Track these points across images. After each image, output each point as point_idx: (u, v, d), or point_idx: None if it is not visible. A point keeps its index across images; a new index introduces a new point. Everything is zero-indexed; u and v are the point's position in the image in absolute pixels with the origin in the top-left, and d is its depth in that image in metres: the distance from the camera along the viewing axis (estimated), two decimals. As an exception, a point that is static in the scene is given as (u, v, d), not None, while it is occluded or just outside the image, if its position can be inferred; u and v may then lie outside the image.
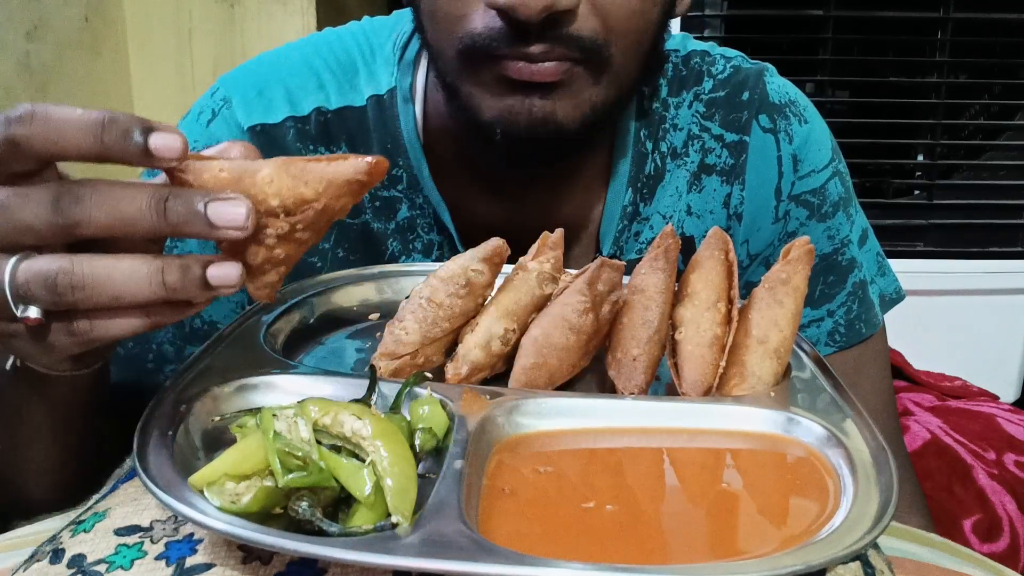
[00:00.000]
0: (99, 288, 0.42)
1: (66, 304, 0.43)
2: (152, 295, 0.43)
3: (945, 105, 1.80)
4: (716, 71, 0.82)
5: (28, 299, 0.43)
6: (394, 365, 0.55)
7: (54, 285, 0.42)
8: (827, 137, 0.83)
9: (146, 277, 0.42)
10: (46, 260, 0.43)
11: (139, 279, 0.42)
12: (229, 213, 0.42)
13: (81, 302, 0.43)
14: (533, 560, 0.37)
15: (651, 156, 0.81)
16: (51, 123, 0.41)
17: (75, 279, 0.42)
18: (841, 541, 0.39)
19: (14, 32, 1.61)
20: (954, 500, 0.97)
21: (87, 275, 0.42)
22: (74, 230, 0.42)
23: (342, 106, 0.79)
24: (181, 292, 0.43)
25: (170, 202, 0.42)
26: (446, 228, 0.80)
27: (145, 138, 0.41)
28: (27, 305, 0.43)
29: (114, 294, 0.42)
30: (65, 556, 0.43)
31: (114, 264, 0.42)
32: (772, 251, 0.82)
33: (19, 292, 0.43)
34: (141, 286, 0.42)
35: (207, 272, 0.43)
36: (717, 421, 0.51)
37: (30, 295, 0.43)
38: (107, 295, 0.42)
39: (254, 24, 1.92)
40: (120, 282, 0.42)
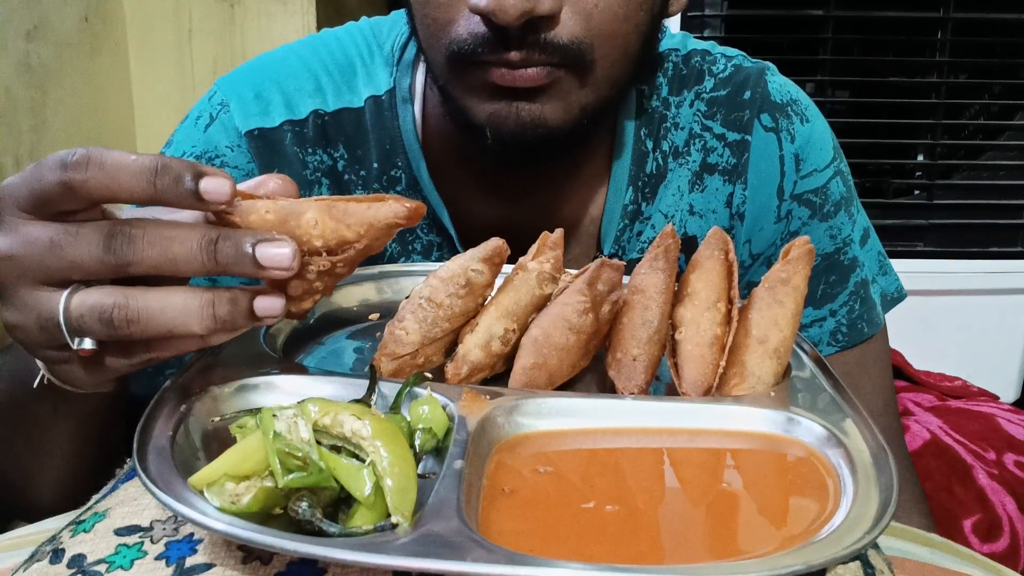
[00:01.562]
0: (153, 321, 0.44)
1: (121, 336, 0.44)
2: (203, 327, 0.44)
3: (945, 105, 1.80)
4: (717, 70, 0.82)
5: (82, 331, 0.44)
6: (394, 365, 0.55)
7: (110, 320, 0.44)
8: (829, 136, 0.83)
9: (198, 310, 0.44)
10: (99, 294, 0.44)
11: (191, 312, 0.44)
12: (276, 255, 0.44)
13: (136, 335, 0.44)
14: (533, 560, 0.37)
15: (652, 155, 0.81)
16: (106, 169, 0.43)
17: (130, 313, 0.43)
18: (841, 541, 0.39)
19: (14, 32, 1.61)
20: (954, 500, 0.97)
21: (141, 309, 0.44)
22: (125, 269, 0.44)
23: (340, 108, 0.79)
24: (230, 324, 0.45)
25: (220, 244, 0.44)
26: (445, 228, 0.79)
27: (196, 183, 0.43)
28: (81, 337, 0.45)
29: (168, 327, 0.44)
30: (65, 556, 0.43)
31: (167, 298, 0.44)
32: (774, 251, 0.82)
33: (73, 325, 0.44)
34: (192, 319, 0.44)
35: (254, 304, 0.45)
36: (717, 421, 0.51)
37: (84, 328, 0.44)
38: (161, 328, 0.44)
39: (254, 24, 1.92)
40: (172, 316, 0.44)
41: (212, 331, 0.45)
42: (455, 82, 0.67)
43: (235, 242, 0.44)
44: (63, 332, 0.44)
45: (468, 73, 0.65)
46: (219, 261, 0.44)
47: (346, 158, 0.79)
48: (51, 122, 1.71)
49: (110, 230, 0.44)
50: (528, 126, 0.66)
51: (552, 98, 0.65)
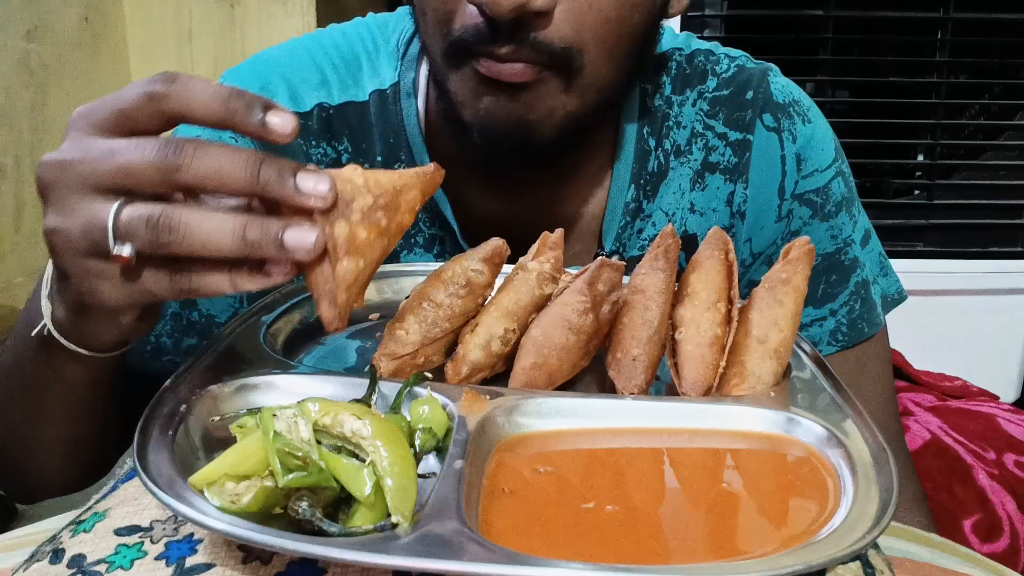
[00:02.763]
0: (191, 233, 0.46)
1: (161, 244, 0.46)
2: (234, 246, 0.46)
3: (945, 105, 1.80)
4: (720, 70, 0.82)
5: (126, 237, 0.46)
6: (394, 365, 0.55)
7: (155, 224, 0.46)
8: (830, 137, 0.83)
9: (231, 230, 0.46)
10: (147, 205, 0.46)
11: (225, 230, 0.46)
12: (315, 182, 0.46)
13: (174, 243, 0.46)
14: (533, 560, 0.37)
15: (654, 153, 0.81)
16: (188, 86, 0.46)
17: (172, 221, 0.46)
18: (841, 541, 0.39)
19: (14, 32, 1.61)
20: (954, 500, 0.97)
21: (183, 219, 0.46)
22: (175, 174, 0.45)
23: (344, 101, 0.79)
24: (259, 248, 0.46)
25: (264, 164, 0.46)
26: (448, 222, 0.80)
27: (264, 113, 0.46)
28: (124, 243, 0.46)
29: (203, 240, 0.46)
30: (65, 556, 0.43)
31: (206, 215, 0.46)
32: (775, 250, 0.82)
33: (120, 229, 0.46)
34: (226, 236, 0.46)
35: (284, 234, 0.46)
36: (717, 421, 0.51)
37: (130, 232, 0.46)
38: (197, 240, 0.46)
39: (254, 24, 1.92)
40: (208, 230, 0.46)
41: (241, 252, 0.46)
42: (450, 75, 0.67)
43: (279, 165, 0.46)
44: (109, 236, 0.46)
45: (462, 65, 0.66)
46: (260, 179, 0.45)
47: (350, 151, 0.79)
48: (51, 122, 1.71)
49: (165, 141, 0.46)
50: (512, 125, 0.66)
51: (536, 98, 0.65)
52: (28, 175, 1.65)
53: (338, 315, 0.49)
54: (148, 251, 0.47)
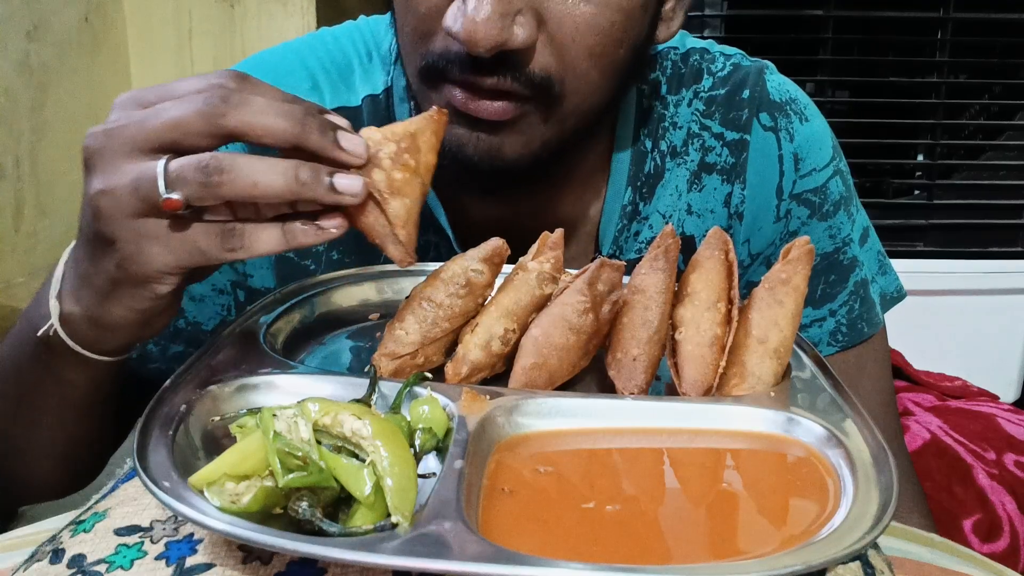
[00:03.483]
0: (242, 172, 0.47)
1: (211, 185, 0.47)
2: (286, 186, 0.47)
3: (945, 105, 1.80)
4: (716, 68, 0.82)
5: (176, 184, 0.47)
6: (394, 365, 0.55)
7: (205, 166, 0.47)
8: (828, 135, 0.83)
9: (282, 171, 0.47)
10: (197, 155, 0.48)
11: (276, 170, 0.47)
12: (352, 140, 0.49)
13: (225, 184, 0.47)
14: (533, 560, 0.37)
15: (650, 155, 0.80)
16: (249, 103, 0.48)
17: (224, 164, 0.47)
18: (841, 541, 0.39)
19: (14, 32, 1.61)
20: (954, 500, 0.97)
21: (232, 162, 0.47)
22: (220, 120, 0.47)
23: (337, 107, 0.78)
24: (310, 188, 0.48)
25: (306, 116, 0.48)
26: (442, 229, 0.79)
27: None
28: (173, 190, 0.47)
29: (254, 180, 0.47)
30: (65, 556, 0.43)
31: (256, 158, 0.48)
32: (773, 250, 0.82)
33: (171, 177, 0.47)
34: (277, 176, 0.47)
35: (334, 178, 0.48)
36: (717, 421, 0.51)
37: (180, 178, 0.47)
38: (249, 180, 0.47)
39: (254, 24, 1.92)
40: (260, 170, 0.47)
41: (293, 194, 0.48)
42: (424, 96, 0.67)
43: (320, 121, 0.48)
44: (160, 182, 0.47)
45: (437, 90, 0.65)
46: (303, 128, 0.48)
47: None
48: (51, 122, 1.71)
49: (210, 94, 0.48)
50: (485, 156, 0.66)
51: (514, 133, 0.65)
52: (28, 175, 1.65)
53: (406, 251, 0.53)
54: (198, 196, 0.47)
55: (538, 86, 0.63)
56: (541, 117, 0.65)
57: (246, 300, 0.79)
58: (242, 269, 0.80)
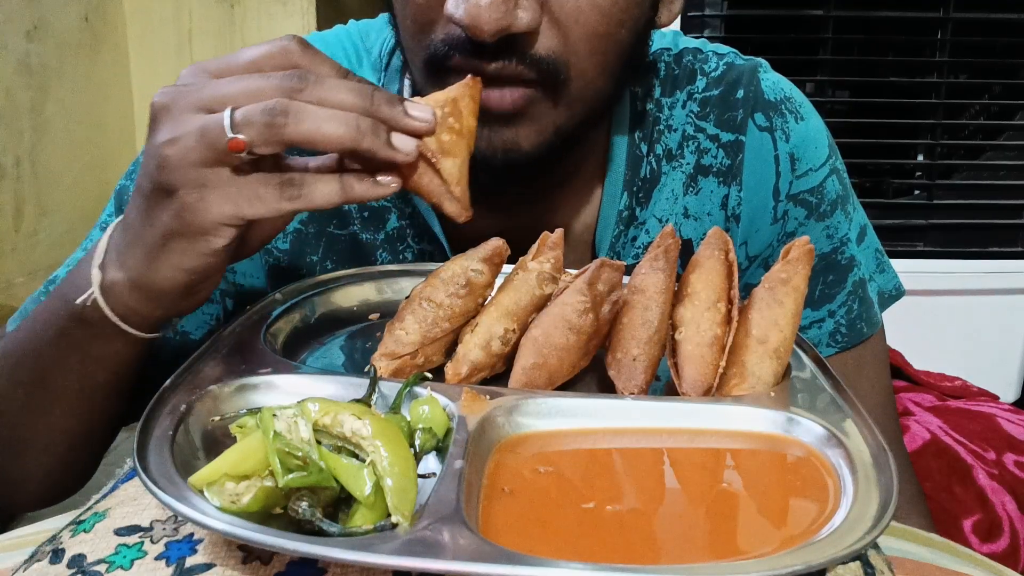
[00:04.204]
0: (306, 117, 0.50)
1: (276, 127, 0.49)
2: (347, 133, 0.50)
3: (945, 105, 1.80)
4: (709, 69, 0.81)
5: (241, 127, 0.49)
6: (394, 365, 0.55)
7: (271, 109, 0.49)
8: (824, 134, 0.82)
9: (344, 120, 0.50)
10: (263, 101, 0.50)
11: (338, 119, 0.50)
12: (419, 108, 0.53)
13: (289, 126, 0.49)
14: (533, 560, 0.37)
15: (646, 159, 0.80)
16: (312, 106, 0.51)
17: (289, 108, 0.49)
18: (841, 541, 0.39)
19: (14, 32, 1.61)
20: (954, 500, 0.97)
21: (297, 107, 0.50)
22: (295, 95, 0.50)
23: None
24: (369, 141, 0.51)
25: (376, 91, 0.52)
26: (436, 238, 0.79)
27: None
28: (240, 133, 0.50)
29: (317, 124, 0.50)
30: (65, 556, 0.43)
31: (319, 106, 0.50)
32: (771, 252, 0.81)
33: (237, 120, 0.50)
34: (339, 125, 0.50)
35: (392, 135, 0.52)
36: (717, 421, 0.51)
37: (245, 121, 0.49)
38: (312, 124, 0.50)
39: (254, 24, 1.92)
40: (324, 117, 0.50)
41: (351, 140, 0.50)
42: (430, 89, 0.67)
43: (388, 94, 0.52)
44: (225, 126, 0.49)
45: (443, 79, 0.64)
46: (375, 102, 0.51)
47: None
48: (51, 122, 1.71)
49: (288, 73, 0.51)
50: (500, 151, 0.66)
51: (526, 122, 0.65)
52: (28, 175, 1.65)
53: (462, 207, 0.57)
54: (262, 139, 0.49)
55: (545, 70, 0.63)
56: (551, 102, 0.65)
57: (234, 310, 0.78)
58: (232, 279, 0.80)
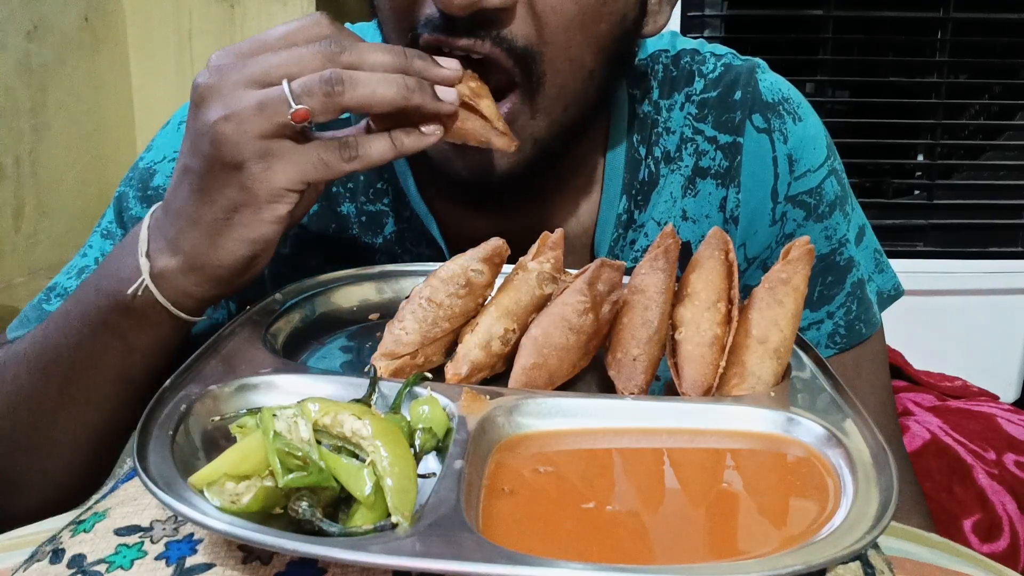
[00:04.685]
0: (360, 83, 0.55)
1: (335, 95, 0.54)
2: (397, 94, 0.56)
3: (945, 105, 1.80)
4: (707, 70, 0.81)
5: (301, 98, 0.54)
6: (394, 365, 0.55)
7: (328, 79, 0.54)
8: (822, 134, 0.82)
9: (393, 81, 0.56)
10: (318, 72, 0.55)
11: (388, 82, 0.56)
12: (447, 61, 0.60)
13: (347, 93, 0.54)
14: (533, 560, 0.37)
15: (644, 162, 0.79)
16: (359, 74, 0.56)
17: (344, 76, 0.55)
18: (841, 541, 0.39)
19: (14, 32, 1.61)
20: (954, 500, 0.97)
21: (352, 75, 0.55)
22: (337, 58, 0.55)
23: None
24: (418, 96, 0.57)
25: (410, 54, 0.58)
26: (435, 242, 0.79)
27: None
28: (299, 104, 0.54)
29: (372, 88, 0.55)
30: (65, 556, 0.43)
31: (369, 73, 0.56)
32: (770, 254, 0.81)
33: (296, 90, 0.54)
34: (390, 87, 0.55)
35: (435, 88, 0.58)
36: (717, 421, 0.51)
37: (305, 91, 0.54)
38: (368, 89, 0.55)
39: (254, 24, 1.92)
40: (375, 81, 0.55)
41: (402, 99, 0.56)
42: None
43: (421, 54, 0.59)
44: (288, 97, 0.53)
45: None
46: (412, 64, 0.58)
47: None
48: (51, 122, 1.71)
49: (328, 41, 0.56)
50: (478, 171, 0.67)
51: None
52: (28, 175, 1.65)
53: (509, 140, 0.62)
54: (322, 107, 0.54)
55: (520, 56, 0.63)
56: (529, 109, 0.65)
57: (237, 310, 0.79)
58: None
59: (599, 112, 0.75)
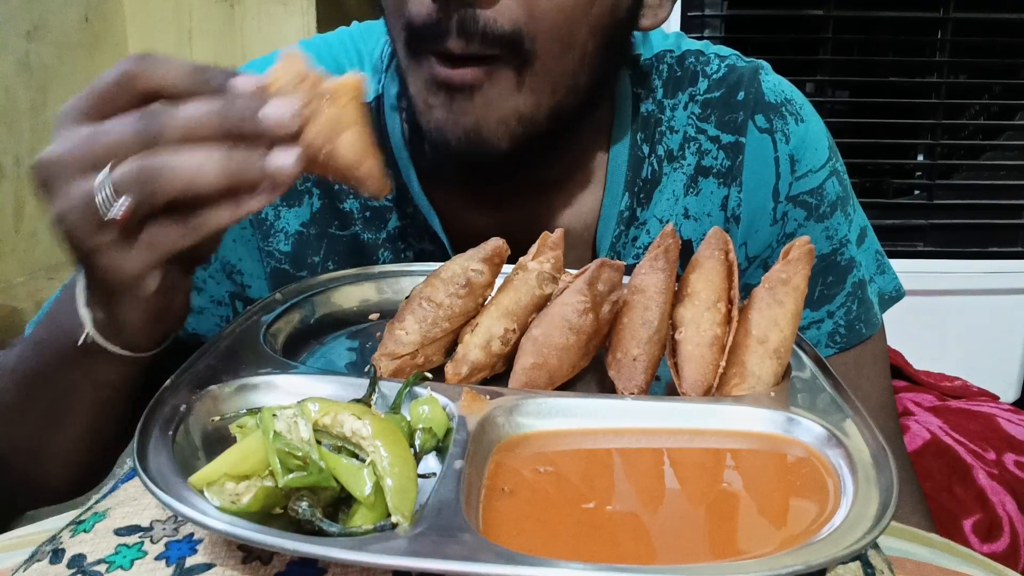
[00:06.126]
0: (175, 172, 0.48)
1: (153, 190, 0.48)
2: (219, 177, 0.48)
3: (945, 105, 1.80)
4: (711, 71, 0.81)
5: (119, 192, 0.49)
6: (394, 365, 0.55)
7: (140, 171, 0.48)
8: (824, 135, 0.82)
9: (214, 164, 0.48)
10: (133, 159, 0.49)
11: (207, 163, 0.48)
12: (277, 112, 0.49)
13: (166, 186, 0.48)
14: (533, 560, 0.37)
15: (647, 160, 0.80)
16: (158, 63, 0.49)
17: (158, 165, 0.48)
18: (841, 541, 0.39)
19: (14, 32, 1.61)
20: (954, 500, 0.97)
21: (167, 163, 0.48)
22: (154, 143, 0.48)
23: None
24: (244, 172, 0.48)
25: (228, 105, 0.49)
26: (437, 237, 0.79)
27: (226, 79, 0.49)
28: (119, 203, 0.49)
29: (188, 177, 0.48)
30: (65, 556, 0.43)
31: (188, 154, 0.48)
32: (770, 253, 0.82)
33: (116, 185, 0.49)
34: (210, 174, 0.48)
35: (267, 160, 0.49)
36: (717, 421, 0.51)
37: (122, 188, 0.48)
38: (183, 178, 0.48)
39: (254, 24, 1.92)
40: (193, 166, 0.48)
41: (227, 180, 0.48)
42: (409, 73, 0.67)
43: (243, 103, 0.49)
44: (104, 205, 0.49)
45: (418, 60, 0.66)
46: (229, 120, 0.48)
47: None
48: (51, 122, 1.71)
49: (139, 112, 0.49)
50: (463, 138, 0.66)
51: (487, 102, 0.65)
52: (28, 175, 1.65)
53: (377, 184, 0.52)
54: (145, 203, 0.49)
55: (507, 42, 0.62)
56: (514, 82, 0.65)
57: None
58: (240, 280, 0.80)
59: (597, 102, 0.75)
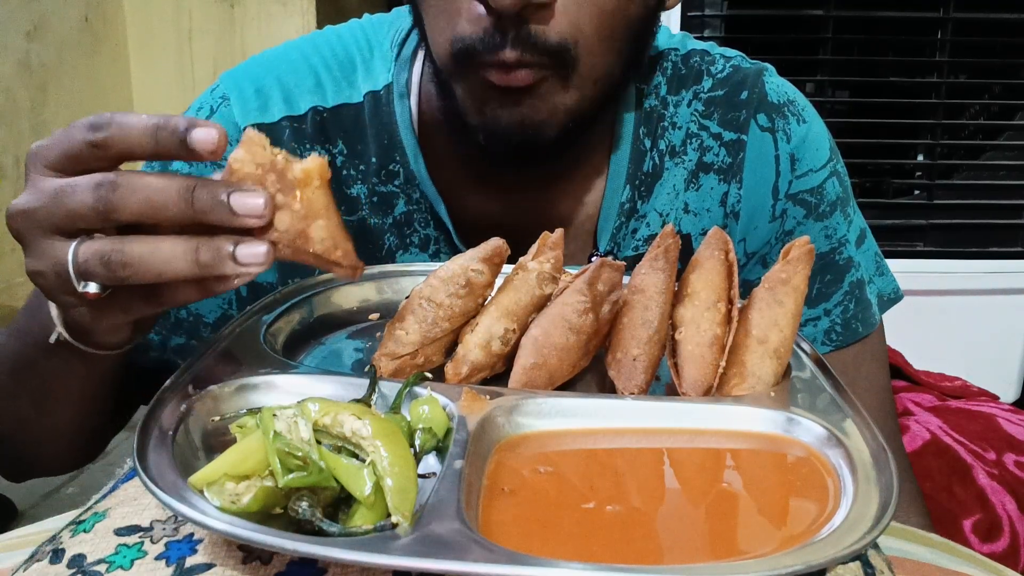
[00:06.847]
0: (144, 264, 0.47)
1: (119, 279, 0.48)
2: (189, 271, 0.47)
3: (945, 105, 1.80)
4: (716, 70, 0.83)
5: (87, 276, 0.49)
6: (394, 365, 0.55)
7: (108, 262, 0.48)
8: (825, 137, 0.83)
9: (183, 254, 0.47)
10: (100, 242, 0.48)
11: (176, 256, 0.47)
12: (248, 201, 0.46)
13: (131, 278, 0.48)
14: (533, 560, 0.37)
15: (649, 154, 0.81)
16: (123, 127, 0.48)
17: (124, 257, 0.47)
18: (841, 541, 0.39)
19: (14, 32, 1.61)
20: (954, 500, 0.97)
21: (134, 254, 0.47)
22: (112, 215, 0.47)
23: (339, 104, 0.79)
24: (214, 268, 0.47)
25: (197, 191, 0.47)
26: (443, 222, 0.80)
27: (187, 133, 0.47)
28: (87, 281, 0.49)
29: (157, 271, 0.47)
30: (65, 556, 0.43)
31: (157, 244, 0.47)
32: (769, 250, 0.83)
33: (79, 269, 0.49)
34: (179, 263, 0.47)
35: (237, 251, 0.47)
36: (717, 421, 0.51)
37: (88, 272, 0.48)
38: (152, 272, 0.47)
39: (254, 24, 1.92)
40: (161, 260, 0.47)
41: (197, 276, 0.47)
42: (456, 80, 0.68)
43: (211, 190, 0.46)
44: (72, 277, 0.49)
45: (468, 72, 0.66)
46: (196, 208, 0.46)
47: (345, 153, 0.80)
48: (51, 122, 1.71)
49: (100, 180, 0.47)
50: (516, 127, 0.67)
51: (539, 99, 0.66)
52: (28, 175, 1.66)
53: (350, 269, 0.50)
54: (111, 286, 0.49)
55: (555, 53, 0.64)
56: (560, 84, 0.66)
57: (248, 294, 0.79)
58: None
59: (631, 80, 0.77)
